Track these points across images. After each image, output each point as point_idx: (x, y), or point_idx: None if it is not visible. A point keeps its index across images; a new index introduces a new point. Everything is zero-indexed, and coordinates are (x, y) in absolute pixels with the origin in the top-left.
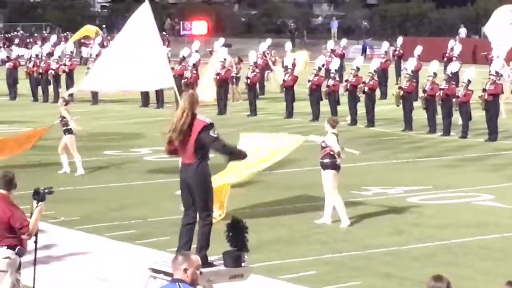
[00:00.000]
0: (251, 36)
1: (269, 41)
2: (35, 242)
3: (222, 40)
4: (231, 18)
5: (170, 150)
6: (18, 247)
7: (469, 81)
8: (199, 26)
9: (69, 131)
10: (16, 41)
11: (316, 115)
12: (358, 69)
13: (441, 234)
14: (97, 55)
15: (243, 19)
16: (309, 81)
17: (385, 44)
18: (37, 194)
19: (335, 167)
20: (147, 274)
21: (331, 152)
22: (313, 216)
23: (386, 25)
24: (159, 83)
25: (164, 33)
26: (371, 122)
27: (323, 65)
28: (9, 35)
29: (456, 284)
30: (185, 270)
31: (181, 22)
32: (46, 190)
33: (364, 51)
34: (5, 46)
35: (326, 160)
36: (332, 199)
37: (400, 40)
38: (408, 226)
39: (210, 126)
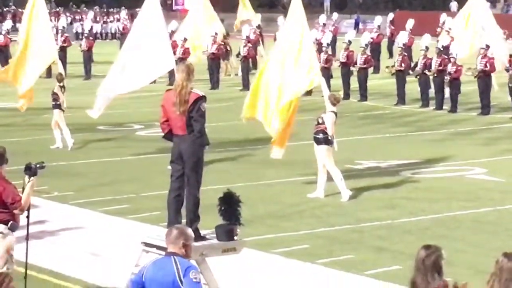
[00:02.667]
0: None
1: (259, 16)
2: (27, 217)
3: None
4: None
5: (165, 131)
6: (11, 222)
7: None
8: (191, 1)
9: (57, 106)
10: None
11: (308, 90)
12: (350, 42)
13: (433, 208)
14: (90, 30)
15: None
16: None
17: (378, 19)
18: (28, 169)
19: (328, 142)
20: (140, 248)
21: (325, 129)
22: (306, 191)
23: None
24: (162, 69)
25: None
26: (363, 96)
27: (316, 39)
28: (1, 10)
29: (449, 257)
30: (180, 244)
31: None
32: (37, 165)
33: (357, 25)
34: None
35: (320, 136)
36: (331, 173)
37: (391, 15)
38: (400, 200)
39: (203, 98)
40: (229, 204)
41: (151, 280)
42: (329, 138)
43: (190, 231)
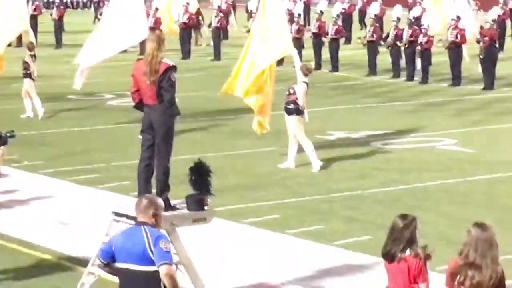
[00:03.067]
0: None
1: None
2: None
3: None
4: None
5: (136, 101)
6: None
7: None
8: None
9: (28, 76)
10: None
11: (280, 60)
12: (321, 13)
13: (404, 179)
14: None
15: None
16: None
17: None
18: None
19: (299, 112)
20: (110, 218)
21: (296, 99)
22: (277, 161)
23: None
24: (135, 38)
25: None
26: (335, 67)
27: (287, 10)
28: None
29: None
30: (150, 213)
31: None
32: (7, 134)
33: None
34: None
35: (291, 106)
36: (302, 143)
37: None
38: (371, 171)
39: (173, 68)
40: (200, 174)
41: (121, 249)
42: (300, 108)
43: (160, 200)
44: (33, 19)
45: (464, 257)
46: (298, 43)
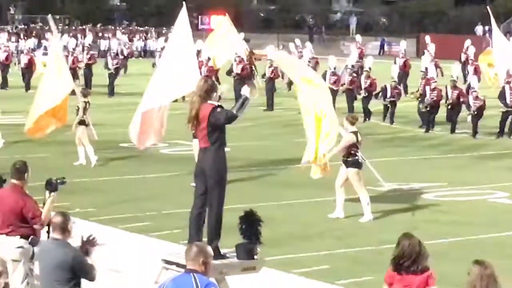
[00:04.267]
0: (269, 32)
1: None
2: (48, 232)
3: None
4: (250, 13)
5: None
6: (32, 236)
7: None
8: (217, 21)
9: (82, 123)
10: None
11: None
12: (352, 67)
13: (455, 231)
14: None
15: (262, 14)
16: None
17: (403, 43)
18: (49, 185)
19: (358, 165)
20: (160, 265)
21: (352, 151)
22: (327, 211)
23: (405, 22)
24: (188, 87)
25: None
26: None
27: (352, 66)
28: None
29: None
30: (200, 261)
31: (200, 16)
32: (58, 181)
33: (382, 48)
34: (25, 38)
35: (350, 159)
36: (360, 195)
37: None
38: (422, 223)
39: (217, 107)
40: (250, 223)
41: None
42: (360, 160)
43: (210, 248)
44: (88, 68)
45: None
46: (350, 94)
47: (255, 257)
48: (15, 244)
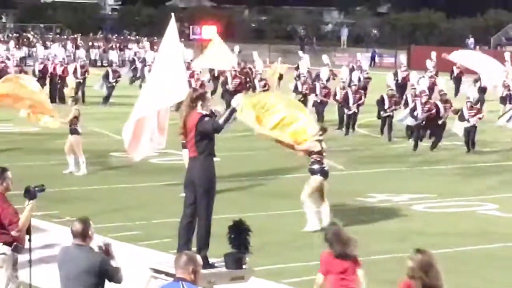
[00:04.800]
0: (261, 42)
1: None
2: (29, 240)
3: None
4: (241, 24)
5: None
6: (15, 243)
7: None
8: (208, 31)
9: (73, 132)
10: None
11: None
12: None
13: (444, 242)
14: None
15: (253, 25)
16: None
17: (403, 57)
18: (27, 192)
19: (324, 174)
20: (148, 274)
21: (318, 159)
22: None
23: (396, 34)
24: (176, 97)
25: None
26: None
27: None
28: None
29: None
30: (190, 269)
31: (191, 27)
32: (37, 188)
33: (373, 59)
34: (16, 47)
35: (315, 167)
36: (324, 203)
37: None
38: (411, 234)
39: (205, 116)
40: (239, 233)
41: None
42: (325, 169)
43: (199, 257)
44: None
45: (418, 279)
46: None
47: (244, 266)
48: None
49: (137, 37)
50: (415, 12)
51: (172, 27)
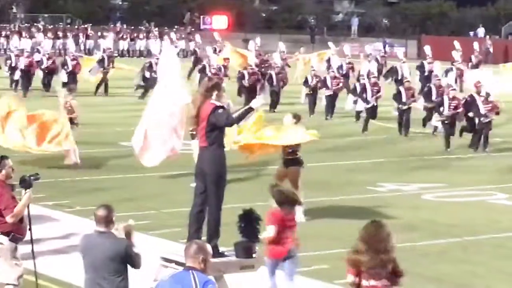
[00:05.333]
0: (271, 32)
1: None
2: (30, 229)
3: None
4: (252, 13)
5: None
6: (12, 233)
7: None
8: (219, 21)
9: (70, 122)
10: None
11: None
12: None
13: (454, 232)
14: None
15: (264, 15)
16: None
17: (427, 48)
18: (23, 182)
19: (300, 163)
20: (159, 263)
21: (295, 149)
22: (325, 211)
23: (407, 24)
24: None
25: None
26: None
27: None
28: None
29: (468, 281)
30: (200, 258)
31: (201, 17)
32: (32, 177)
33: (383, 49)
34: (26, 37)
35: (291, 157)
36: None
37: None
38: (421, 223)
39: (218, 107)
40: (249, 222)
41: None
42: (300, 158)
43: (209, 246)
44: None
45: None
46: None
47: (254, 255)
48: None
49: (148, 26)
50: (426, 1)
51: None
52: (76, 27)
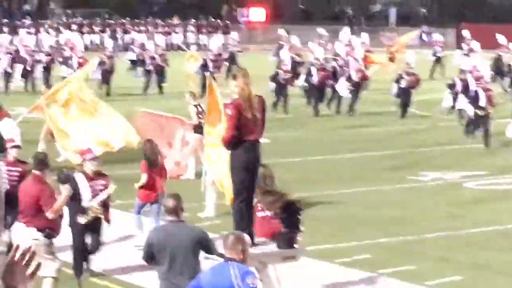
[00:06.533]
0: (309, 23)
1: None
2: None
3: None
4: (289, 5)
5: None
6: (47, 230)
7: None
8: (257, 13)
9: None
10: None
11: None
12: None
13: (496, 220)
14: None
15: (301, 6)
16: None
17: (501, 37)
18: (61, 176)
19: None
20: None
21: None
22: (367, 202)
23: (445, 12)
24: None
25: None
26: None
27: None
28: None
29: (511, 270)
30: (239, 249)
31: (239, 9)
32: (68, 172)
33: (421, 38)
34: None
35: None
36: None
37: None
38: (463, 211)
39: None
40: (290, 212)
41: (209, 285)
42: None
43: (247, 237)
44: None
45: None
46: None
47: (295, 246)
48: (32, 236)
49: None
50: None
51: None
52: (113, 22)
